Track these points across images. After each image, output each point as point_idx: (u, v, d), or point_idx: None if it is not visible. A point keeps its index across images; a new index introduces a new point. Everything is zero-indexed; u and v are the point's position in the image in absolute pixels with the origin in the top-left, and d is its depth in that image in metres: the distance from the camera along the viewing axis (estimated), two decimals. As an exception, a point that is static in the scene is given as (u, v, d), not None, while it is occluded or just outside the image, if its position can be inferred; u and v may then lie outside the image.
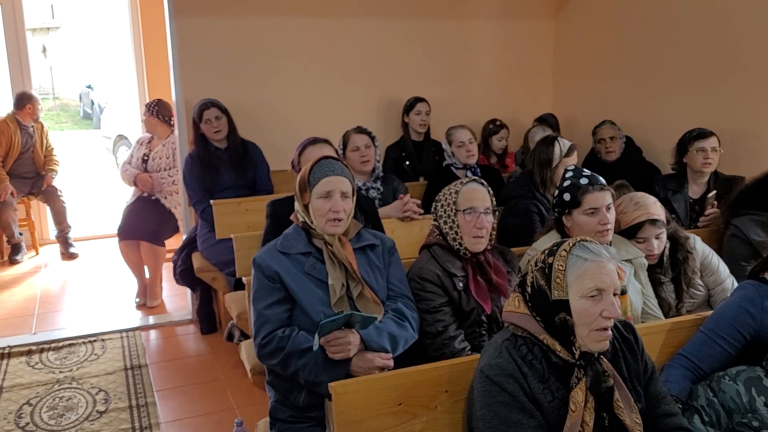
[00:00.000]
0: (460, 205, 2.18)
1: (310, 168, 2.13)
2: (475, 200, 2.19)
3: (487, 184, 2.25)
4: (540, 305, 1.61)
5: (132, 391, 3.43)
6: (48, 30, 19.95)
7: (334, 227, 2.08)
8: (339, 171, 2.11)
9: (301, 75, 4.35)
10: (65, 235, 5.66)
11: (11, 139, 5.30)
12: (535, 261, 1.65)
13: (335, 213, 2.06)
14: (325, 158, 2.16)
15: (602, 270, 1.57)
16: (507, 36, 4.83)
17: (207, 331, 4.12)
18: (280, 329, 2.02)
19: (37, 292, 4.84)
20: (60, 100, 18.71)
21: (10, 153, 5.29)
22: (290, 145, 4.28)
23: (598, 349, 1.58)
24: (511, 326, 1.66)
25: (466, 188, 2.22)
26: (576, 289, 1.56)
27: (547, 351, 1.59)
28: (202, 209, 3.82)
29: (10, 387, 3.45)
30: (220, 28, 4.07)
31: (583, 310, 1.56)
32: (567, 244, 1.61)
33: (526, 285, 1.65)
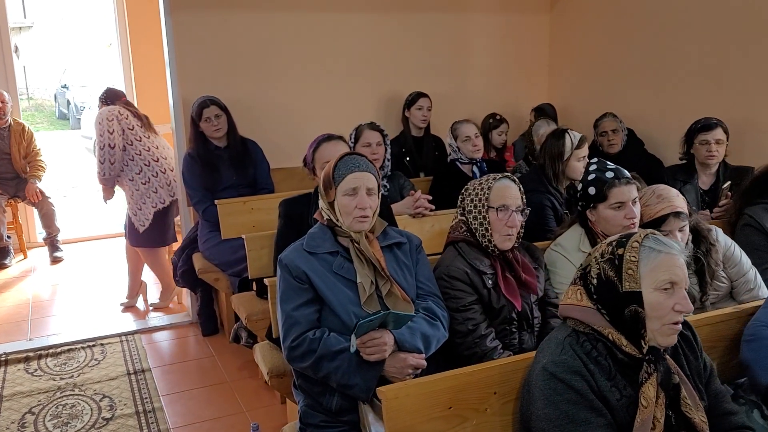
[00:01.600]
0: (493, 201, 2.15)
1: (334, 165, 2.09)
2: (508, 198, 2.16)
3: (518, 181, 2.22)
4: (607, 297, 1.57)
5: (137, 397, 3.36)
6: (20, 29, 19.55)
7: (361, 224, 2.04)
8: (364, 167, 2.07)
9: (301, 70, 4.29)
10: (53, 238, 5.53)
11: None
12: (601, 252, 1.61)
13: (362, 210, 2.03)
14: (349, 154, 2.11)
15: (675, 263, 1.55)
16: (504, 29, 4.82)
17: (209, 332, 4.06)
18: (310, 331, 1.97)
19: (29, 297, 4.72)
20: (34, 100, 18.35)
21: None
22: (289, 143, 4.27)
23: (667, 343, 1.56)
24: (571, 321, 1.63)
25: (499, 185, 2.18)
26: (649, 281, 1.53)
27: (612, 347, 1.57)
28: (203, 209, 3.75)
29: (10, 395, 3.35)
30: (217, 23, 3.99)
31: (657, 302, 1.53)
32: (638, 236, 1.59)
33: (589, 277, 1.61)
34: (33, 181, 5.32)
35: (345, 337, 1.95)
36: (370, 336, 1.88)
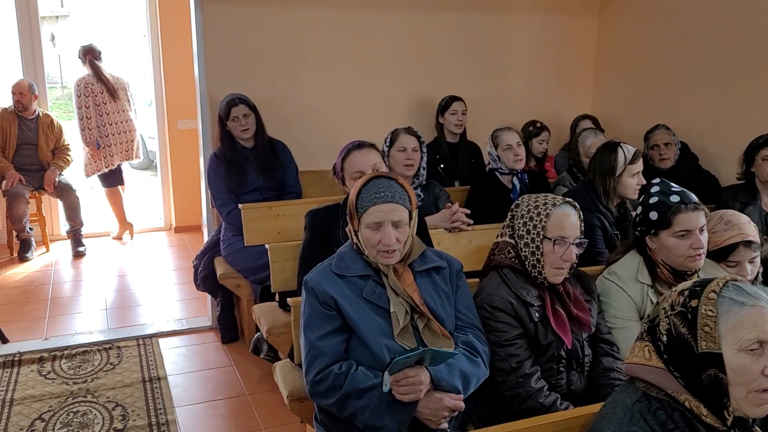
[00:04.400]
0: (550, 231, 1.93)
1: (357, 193, 1.88)
2: (567, 228, 1.93)
3: (579, 207, 1.99)
4: (680, 359, 1.31)
5: (151, 407, 3.21)
6: (57, 18, 19.72)
7: (387, 259, 1.84)
8: (389, 197, 1.85)
9: (332, 70, 4.10)
10: (77, 231, 5.44)
11: (7, 131, 5.09)
12: (671, 303, 1.36)
13: (386, 245, 1.82)
14: (374, 178, 1.90)
15: (764, 317, 1.27)
16: (547, 32, 4.57)
17: (228, 340, 3.90)
18: (335, 364, 1.78)
19: (48, 294, 4.62)
20: (68, 90, 18.49)
21: (8, 144, 5.08)
22: (318, 145, 4.09)
23: (757, 414, 1.30)
24: (640, 383, 1.39)
25: (559, 212, 1.95)
26: (731, 341, 1.27)
27: (691, 417, 1.31)
28: (227, 212, 3.59)
29: (20, 399, 3.23)
30: (248, 18, 3.82)
31: (741, 366, 1.26)
32: (716, 284, 1.32)
33: (658, 332, 1.36)
34: (53, 169, 5.22)
35: (374, 372, 1.76)
36: (404, 374, 1.69)
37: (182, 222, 6.03)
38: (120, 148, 5.55)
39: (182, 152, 5.87)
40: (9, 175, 4.96)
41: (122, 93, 5.54)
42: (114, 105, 5.44)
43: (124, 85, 5.59)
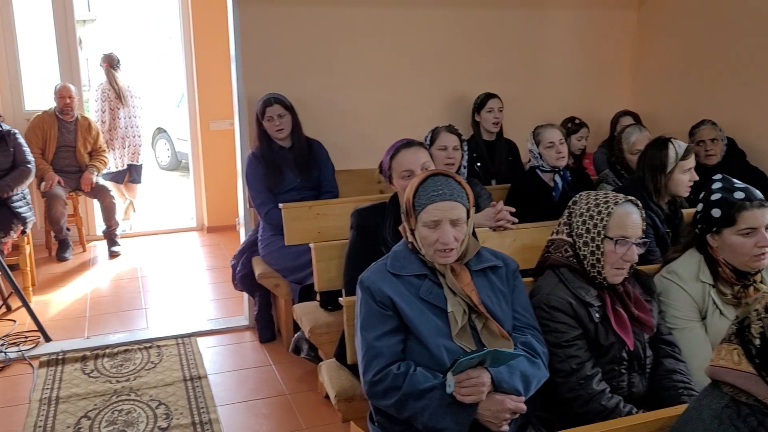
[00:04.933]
0: (611, 230, 1.88)
1: (414, 190, 1.86)
2: (629, 227, 1.89)
3: (641, 206, 1.95)
4: None
5: (194, 406, 3.22)
6: (84, 22, 20.00)
7: (444, 258, 1.82)
8: (448, 194, 1.82)
9: (367, 69, 4.08)
10: (112, 232, 5.49)
11: (47, 133, 5.16)
12: (765, 306, 1.31)
13: (444, 244, 1.80)
14: (432, 176, 1.87)
15: None
16: (584, 27, 4.50)
17: (266, 339, 3.90)
18: (394, 364, 1.76)
19: (87, 293, 4.67)
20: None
21: (48, 146, 5.16)
22: (354, 144, 4.07)
23: None
24: (727, 387, 1.34)
25: (621, 211, 1.90)
26: None
27: None
28: (266, 212, 3.59)
29: (66, 397, 3.26)
30: (285, 18, 3.82)
31: None
32: None
33: (749, 335, 1.31)
34: (91, 170, 5.30)
35: (433, 373, 1.73)
36: (467, 375, 1.66)
37: (214, 222, 6.06)
38: (128, 150, 5.87)
39: (214, 153, 5.90)
40: (48, 177, 5.03)
41: (132, 100, 5.85)
42: (124, 111, 5.78)
43: (134, 92, 5.90)
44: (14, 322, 4.07)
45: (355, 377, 2.40)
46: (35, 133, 5.09)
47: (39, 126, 5.13)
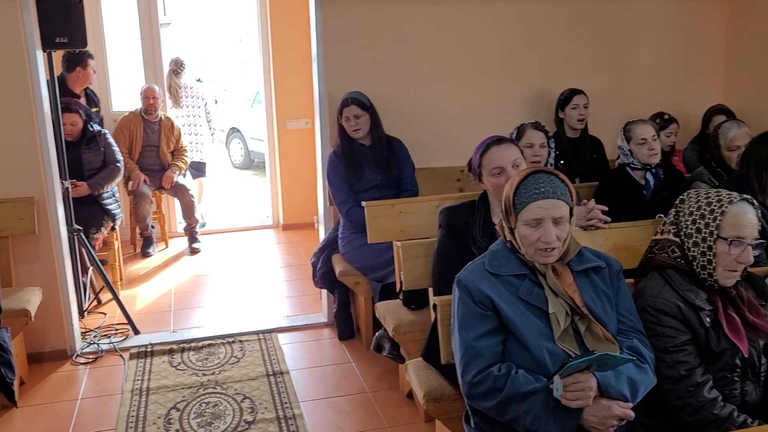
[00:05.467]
0: (725, 230, 1.79)
1: (515, 187, 1.81)
2: (745, 227, 1.79)
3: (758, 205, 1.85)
4: None
5: (277, 401, 3.27)
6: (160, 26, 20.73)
7: (545, 257, 1.77)
8: (551, 192, 1.77)
9: (447, 66, 4.04)
10: (193, 229, 5.66)
11: (133, 133, 5.35)
12: None
13: (546, 243, 1.75)
14: (533, 173, 1.82)
15: None
16: (674, 17, 4.32)
17: (345, 337, 3.92)
18: (494, 366, 1.73)
19: (171, 288, 4.82)
20: (171, 93, 19.34)
21: (134, 146, 5.36)
22: (433, 141, 4.04)
23: None
24: None
25: (735, 210, 1.81)
26: None
27: None
28: (347, 210, 3.62)
29: (156, 389, 3.37)
30: (366, 17, 3.83)
31: None
32: None
33: None
34: (174, 169, 5.49)
35: (535, 376, 1.69)
36: (573, 379, 1.61)
37: (290, 220, 6.15)
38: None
39: (290, 151, 5.99)
40: (135, 176, 5.22)
41: (190, 100, 6.13)
42: (179, 111, 6.04)
43: (195, 93, 6.18)
44: (105, 315, 4.24)
45: (444, 377, 2.38)
46: (123, 134, 5.29)
47: (126, 126, 5.33)
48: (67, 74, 4.66)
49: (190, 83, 6.17)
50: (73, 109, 4.34)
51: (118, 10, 6.18)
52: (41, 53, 3.47)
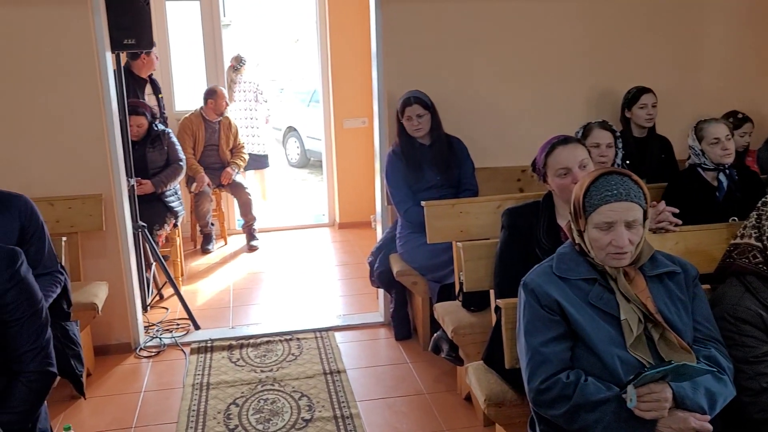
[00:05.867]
0: None
1: (585, 189, 1.75)
2: None
3: None
4: None
5: (334, 399, 3.27)
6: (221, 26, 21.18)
7: (617, 261, 1.70)
8: (624, 194, 1.70)
9: (508, 64, 3.96)
10: (251, 226, 5.74)
11: (195, 134, 5.46)
12: None
13: (618, 248, 1.68)
14: (605, 174, 1.75)
15: None
16: (747, 11, 4.13)
17: (402, 337, 3.90)
18: (562, 372, 1.67)
19: (230, 284, 4.89)
20: (229, 93, 19.75)
21: (197, 146, 5.47)
22: (494, 140, 3.97)
23: None
24: None
25: None
26: None
27: None
28: (405, 209, 3.59)
29: (216, 384, 3.42)
30: (426, 14, 3.79)
31: None
32: None
33: None
34: (233, 168, 5.57)
35: (605, 384, 1.63)
36: (648, 389, 1.55)
37: (346, 218, 6.17)
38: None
39: (347, 150, 6.01)
40: (199, 179, 5.33)
41: (246, 95, 6.37)
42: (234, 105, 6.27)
43: (250, 87, 6.41)
44: (167, 310, 4.34)
45: (505, 381, 2.33)
46: (186, 135, 5.40)
47: (188, 127, 5.44)
48: (132, 62, 4.84)
49: (246, 78, 6.33)
50: (140, 112, 4.46)
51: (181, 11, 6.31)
52: (110, 54, 3.57)
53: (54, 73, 3.39)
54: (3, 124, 3.38)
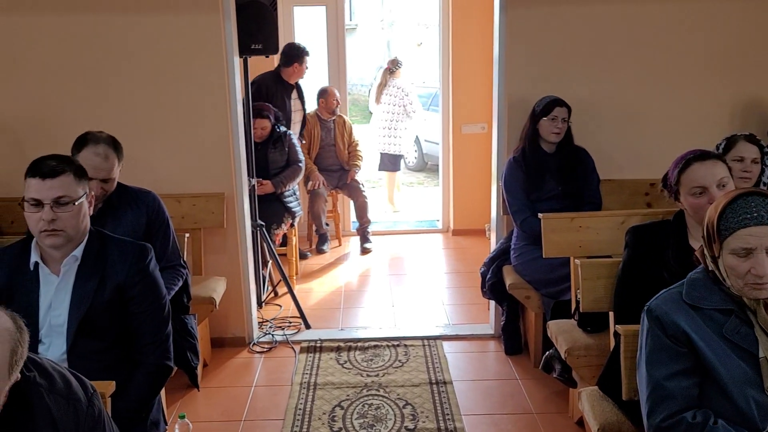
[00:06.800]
0: None
1: (721, 211, 1.57)
2: None
3: None
4: None
5: (439, 411, 3.21)
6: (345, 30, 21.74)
7: (757, 292, 1.52)
8: (766, 218, 1.52)
9: (641, 70, 3.70)
10: (365, 229, 5.79)
11: (311, 133, 5.59)
12: None
13: (758, 277, 1.50)
14: (744, 195, 1.57)
15: None
16: None
17: (511, 351, 3.77)
18: (687, 411, 1.52)
19: (341, 286, 4.95)
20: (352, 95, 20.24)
21: (312, 146, 5.60)
22: (622, 151, 3.74)
23: None
24: None
25: None
26: None
27: None
28: (522, 220, 3.47)
29: (322, 384, 3.45)
30: (550, 19, 3.63)
31: None
32: None
33: None
34: (354, 169, 5.67)
35: (739, 429, 1.46)
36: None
37: (461, 225, 6.08)
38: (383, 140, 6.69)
39: (465, 156, 5.92)
40: (314, 177, 5.46)
41: (391, 98, 6.60)
42: (381, 107, 6.64)
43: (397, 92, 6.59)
44: (280, 307, 4.46)
45: (622, 411, 2.17)
46: (303, 135, 5.54)
47: (306, 127, 5.58)
48: (283, 68, 5.07)
49: (398, 83, 6.57)
50: (264, 115, 4.63)
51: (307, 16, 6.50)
52: (238, 59, 3.71)
53: (186, 77, 3.56)
54: (138, 125, 3.60)
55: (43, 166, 1.94)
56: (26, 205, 1.94)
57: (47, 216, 1.91)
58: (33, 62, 3.54)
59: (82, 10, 3.48)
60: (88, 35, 3.51)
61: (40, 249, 2.02)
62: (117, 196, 2.76)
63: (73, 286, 2.01)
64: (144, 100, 3.59)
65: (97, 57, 3.53)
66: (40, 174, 1.92)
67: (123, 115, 3.58)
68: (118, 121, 3.54)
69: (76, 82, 3.56)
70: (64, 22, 3.49)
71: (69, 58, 3.54)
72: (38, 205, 1.92)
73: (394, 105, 6.55)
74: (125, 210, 2.75)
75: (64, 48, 3.52)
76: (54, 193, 1.92)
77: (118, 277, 2.03)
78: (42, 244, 1.99)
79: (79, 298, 2.00)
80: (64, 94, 3.57)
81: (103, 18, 3.49)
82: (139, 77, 3.56)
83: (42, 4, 3.47)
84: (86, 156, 2.58)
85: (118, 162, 2.73)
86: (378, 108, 6.67)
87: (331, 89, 5.63)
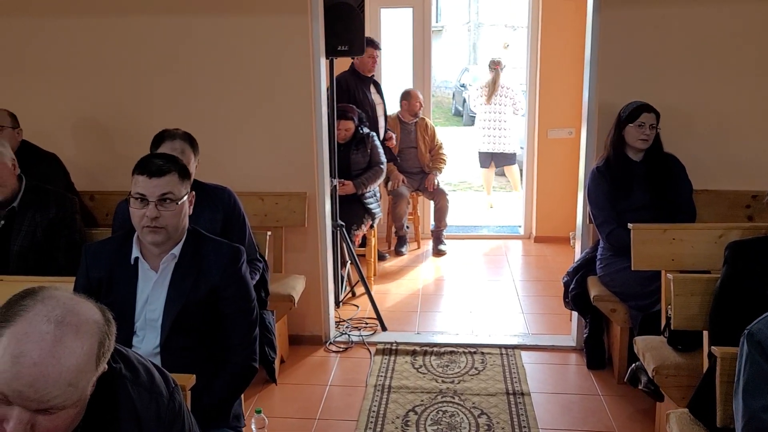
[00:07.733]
0: None
1: None
2: None
3: None
4: None
5: (515, 422, 3.12)
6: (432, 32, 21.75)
7: None
8: None
9: (742, 73, 3.48)
10: (440, 232, 5.74)
11: None
12: None
13: None
14: None
15: None
16: None
17: (594, 366, 3.62)
18: (793, 447, 1.39)
19: (419, 289, 4.92)
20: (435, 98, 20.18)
21: (395, 148, 5.57)
22: (718, 160, 3.52)
23: None
24: None
25: None
26: None
27: None
28: (608, 232, 3.32)
29: (397, 388, 3.43)
30: (645, 21, 3.46)
31: None
32: None
33: None
34: (434, 172, 5.63)
35: None
36: None
37: (543, 232, 5.92)
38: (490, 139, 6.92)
39: (550, 161, 5.76)
40: (394, 177, 5.46)
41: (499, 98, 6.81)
42: (488, 107, 6.83)
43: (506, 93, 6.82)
44: (357, 308, 4.47)
45: (715, 439, 2.02)
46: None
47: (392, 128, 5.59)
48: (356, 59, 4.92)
49: (507, 84, 6.80)
50: (348, 116, 4.66)
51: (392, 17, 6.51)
52: (324, 60, 3.74)
53: (273, 78, 3.63)
54: (225, 123, 3.69)
55: (151, 165, 2.01)
56: (132, 200, 2.02)
57: (151, 213, 1.98)
58: (125, 62, 3.70)
59: (173, 12, 3.60)
60: (179, 36, 3.64)
61: (140, 245, 2.09)
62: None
63: (170, 283, 2.07)
64: (231, 99, 3.68)
65: (187, 57, 3.65)
66: (148, 172, 2.00)
67: (211, 114, 3.68)
68: (206, 120, 3.64)
69: (165, 81, 3.69)
70: (155, 24, 3.63)
71: (159, 59, 3.67)
72: (143, 201, 1.99)
73: (503, 105, 6.76)
74: (202, 206, 2.81)
75: (154, 48, 3.66)
76: (159, 191, 1.99)
77: (212, 278, 2.08)
78: (143, 240, 2.06)
79: (175, 295, 2.06)
80: (154, 93, 3.71)
81: (193, 19, 3.60)
82: (228, 77, 3.65)
83: (135, 7, 3.61)
84: (163, 151, 2.65)
85: (194, 157, 2.79)
86: (482, 108, 6.86)
87: (414, 92, 5.61)
